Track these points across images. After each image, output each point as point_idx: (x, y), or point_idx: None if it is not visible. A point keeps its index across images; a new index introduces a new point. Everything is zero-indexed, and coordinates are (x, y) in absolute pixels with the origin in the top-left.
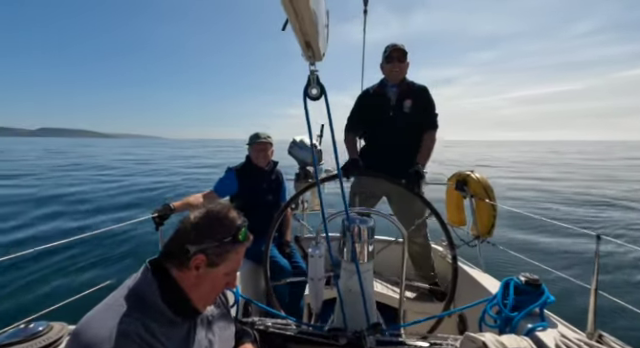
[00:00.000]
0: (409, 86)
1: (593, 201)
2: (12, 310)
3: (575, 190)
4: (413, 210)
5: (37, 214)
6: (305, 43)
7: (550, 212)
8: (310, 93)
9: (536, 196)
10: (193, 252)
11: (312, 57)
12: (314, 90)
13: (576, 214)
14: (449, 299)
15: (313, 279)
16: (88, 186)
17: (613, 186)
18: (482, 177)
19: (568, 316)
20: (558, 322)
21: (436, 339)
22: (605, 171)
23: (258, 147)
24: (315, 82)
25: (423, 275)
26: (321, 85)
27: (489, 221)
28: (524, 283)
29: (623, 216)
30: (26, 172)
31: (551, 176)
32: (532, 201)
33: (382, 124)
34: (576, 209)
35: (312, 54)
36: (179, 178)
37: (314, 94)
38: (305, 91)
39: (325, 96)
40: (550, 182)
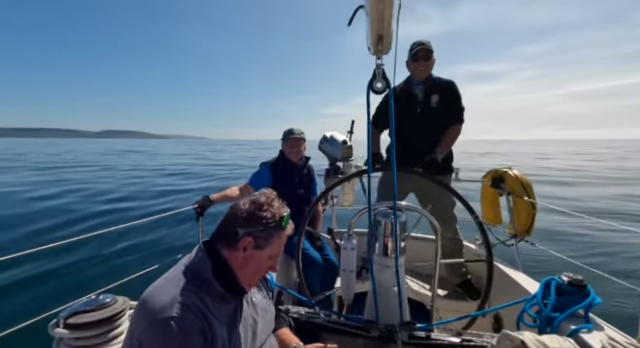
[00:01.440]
0: (435, 82)
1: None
2: (87, 282)
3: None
4: (442, 205)
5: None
6: (378, 36)
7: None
8: (375, 87)
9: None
10: (242, 234)
11: (381, 51)
12: (379, 84)
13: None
14: (484, 297)
15: (345, 271)
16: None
17: None
18: (520, 174)
19: (615, 321)
20: (605, 325)
21: (471, 336)
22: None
23: (292, 142)
24: (381, 76)
25: (454, 271)
26: (387, 79)
27: (528, 219)
28: (566, 283)
29: None
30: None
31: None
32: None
33: (410, 120)
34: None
35: (382, 48)
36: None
37: (379, 88)
38: (370, 85)
39: (390, 90)
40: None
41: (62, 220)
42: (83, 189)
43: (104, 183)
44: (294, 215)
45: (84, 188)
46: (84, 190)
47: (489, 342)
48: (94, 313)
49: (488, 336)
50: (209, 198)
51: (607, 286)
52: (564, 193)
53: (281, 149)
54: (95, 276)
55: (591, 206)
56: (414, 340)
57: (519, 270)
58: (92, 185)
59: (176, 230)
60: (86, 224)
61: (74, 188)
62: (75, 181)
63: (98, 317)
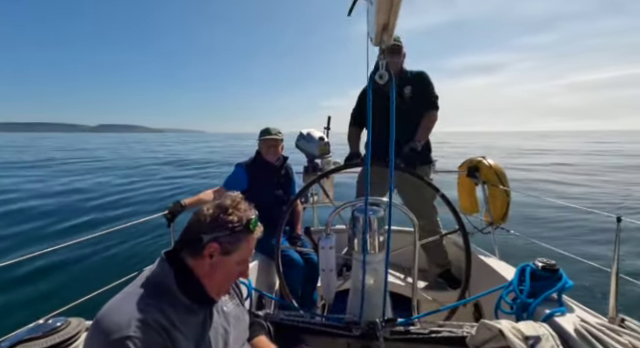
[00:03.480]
0: (406, 74)
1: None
2: (33, 307)
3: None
4: (423, 197)
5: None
6: (383, 26)
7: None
8: (377, 79)
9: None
10: (207, 240)
11: (385, 41)
12: (382, 76)
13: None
14: (464, 287)
15: (325, 270)
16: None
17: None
18: (495, 163)
19: (588, 301)
20: (578, 307)
21: (451, 327)
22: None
23: (268, 143)
24: (384, 68)
25: (436, 263)
26: (389, 71)
27: (502, 207)
28: (540, 269)
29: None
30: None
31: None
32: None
33: (384, 114)
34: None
35: (386, 38)
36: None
37: (381, 80)
38: (371, 77)
39: (391, 81)
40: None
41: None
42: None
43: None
44: (272, 216)
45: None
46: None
47: (469, 332)
48: (42, 340)
49: (468, 326)
50: (180, 203)
51: (580, 268)
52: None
53: (257, 149)
54: (46, 296)
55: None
56: (396, 335)
57: (497, 257)
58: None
59: (144, 240)
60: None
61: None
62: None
63: (46, 345)
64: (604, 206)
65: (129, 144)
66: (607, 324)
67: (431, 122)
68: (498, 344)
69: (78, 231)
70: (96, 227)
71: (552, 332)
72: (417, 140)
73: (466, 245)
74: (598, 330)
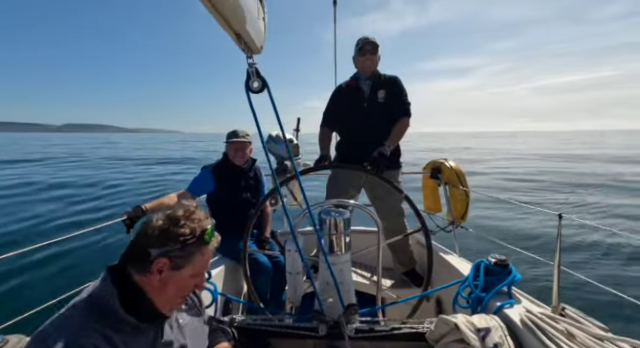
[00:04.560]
0: (381, 77)
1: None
2: None
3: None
4: (391, 199)
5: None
6: (236, 35)
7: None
8: (252, 86)
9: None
10: (155, 256)
11: (247, 50)
12: (255, 83)
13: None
14: (426, 284)
15: (291, 273)
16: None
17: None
18: (455, 165)
19: (536, 292)
20: (525, 298)
21: (413, 324)
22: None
23: (235, 145)
24: (255, 75)
25: (401, 262)
26: (262, 78)
27: (462, 207)
28: (493, 264)
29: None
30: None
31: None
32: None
33: (358, 116)
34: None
35: (246, 47)
36: None
37: (255, 87)
38: (247, 85)
39: (268, 89)
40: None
41: None
42: None
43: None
44: (241, 220)
45: None
46: None
47: (429, 327)
48: None
49: (428, 322)
50: (141, 208)
51: (529, 261)
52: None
53: (224, 151)
54: None
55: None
56: (360, 333)
57: (457, 254)
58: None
59: (99, 248)
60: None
61: None
62: None
63: None
64: (550, 204)
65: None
66: (548, 313)
67: (403, 128)
68: (454, 337)
69: (18, 241)
70: (43, 236)
71: (501, 323)
72: (387, 145)
73: (428, 244)
74: (540, 319)
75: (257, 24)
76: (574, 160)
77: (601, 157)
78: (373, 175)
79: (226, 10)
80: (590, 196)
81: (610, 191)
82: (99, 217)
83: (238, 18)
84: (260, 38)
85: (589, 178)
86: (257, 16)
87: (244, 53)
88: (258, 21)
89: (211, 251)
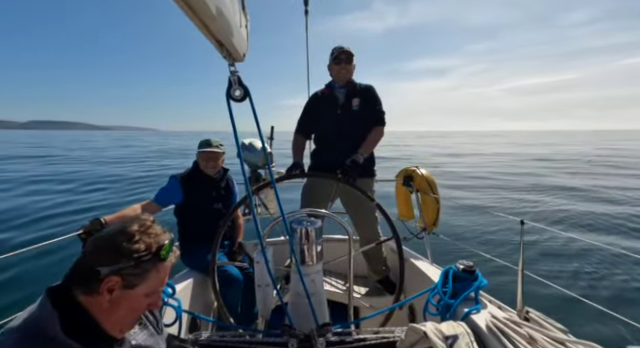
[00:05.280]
0: (356, 86)
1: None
2: None
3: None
4: (365, 208)
5: None
6: (217, 42)
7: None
8: (233, 95)
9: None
10: (105, 274)
11: (229, 58)
12: (237, 92)
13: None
14: (397, 292)
15: (260, 285)
16: None
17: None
18: (426, 173)
19: (503, 296)
20: (491, 304)
21: (384, 333)
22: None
23: (207, 155)
24: (237, 83)
25: (375, 270)
26: (244, 86)
27: (433, 213)
28: (461, 270)
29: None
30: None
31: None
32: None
33: (332, 124)
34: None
35: (228, 54)
36: None
37: (237, 96)
38: (228, 93)
39: (249, 97)
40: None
41: None
42: None
43: None
44: (211, 231)
45: None
46: None
47: (400, 336)
48: None
49: (399, 331)
50: (100, 221)
51: (495, 266)
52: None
53: (195, 160)
54: None
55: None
56: (332, 346)
57: (429, 261)
58: None
59: (51, 266)
60: None
61: None
62: None
63: None
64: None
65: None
66: (512, 318)
67: (377, 137)
68: (424, 345)
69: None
70: None
71: (468, 330)
72: (360, 153)
73: (399, 251)
74: (504, 324)
75: (240, 32)
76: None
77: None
78: (345, 183)
79: (208, 18)
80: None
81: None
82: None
83: (220, 26)
84: (242, 46)
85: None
86: (239, 24)
87: (226, 61)
88: (241, 29)
89: (168, 268)
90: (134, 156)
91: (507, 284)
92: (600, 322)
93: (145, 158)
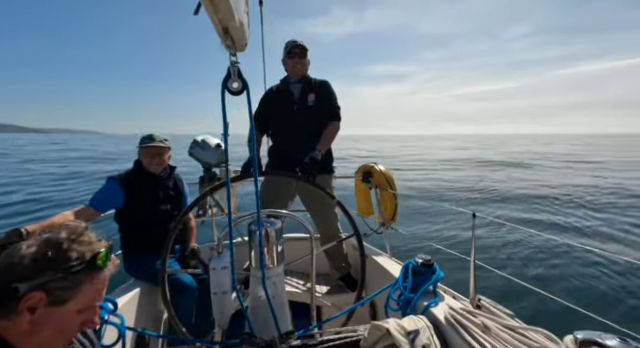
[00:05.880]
0: (311, 81)
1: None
2: None
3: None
4: (324, 205)
5: None
6: (223, 29)
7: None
8: (230, 87)
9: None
10: (25, 291)
11: (232, 47)
12: (235, 84)
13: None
14: (359, 290)
15: (217, 293)
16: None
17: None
18: (385, 169)
19: (458, 286)
20: (447, 294)
21: (347, 333)
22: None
23: (151, 151)
24: (236, 75)
25: (336, 267)
26: (243, 79)
27: (392, 209)
28: (420, 265)
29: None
30: None
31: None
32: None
33: (288, 120)
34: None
35: (232, 43)
36: None
37: (235, 88)
38: (224, 84)
39: (247, 91)
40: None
41: None
42: None
43: None
44: (159, 236)
45: None
46: None
47: (363, 334)
48: None
49: (362, 329)
50: (19, 231)
51: (451, 259)
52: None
53: (137, 159)
54: None
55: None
56: None
57: (389, 256)
58: None
59: None
60: None
61: None
62: None
63: None
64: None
65: None
66: (467, 308)
67: (333, 132)
68: (387, 342)
69: None
70: None
71: (428, 323)
72: (318, 150)
73: (360, 248)
74: (460, 315)
75: (244, 19)
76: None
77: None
78: (305, 181)
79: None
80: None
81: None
82: None
83: (229, 10)
84: (245, 34)
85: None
86: (243, 9)
87: (228, 50)
88: (244, 15)
89: (106, 279)
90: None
91: (461, 274)
92: (544, 307)
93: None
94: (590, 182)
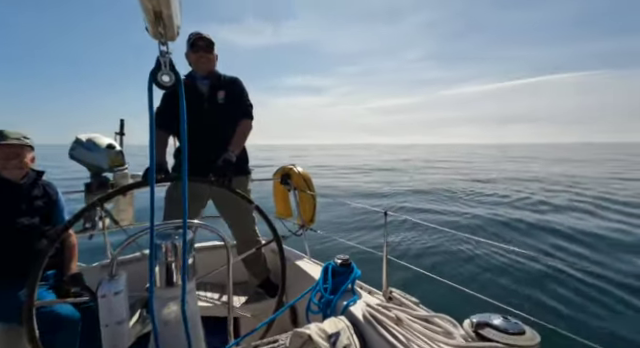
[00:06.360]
0: (220, 78)
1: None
2: None
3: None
4: (241, 209)
5: None
6: (154, 14)
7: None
8: (160, 80)
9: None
10: None
11: (163, 34)
12: (165, 77)
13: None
14: (280, 295)
15: (109, 325)
16: None
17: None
18: (303, 170)
19: (373, 281)
20: (365, 291)
21: (269, 343)
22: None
23: (4, 152)
24: (167, 67)
25: (255, 274)
26: (176, 72)
27: (310, 210)
28: (339, 265)
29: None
30: None
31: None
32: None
33: (196, 119)
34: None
35: (164, 30)
36: None
37: (166, 82)
38: (153, 77)
39: (179, 86)
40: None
41: None
42: None
43: None
44: (23, 259)
45: None
46: None
47: (284, 343)
48: None
49: (283, 337)
50: None
51: (367, 256)
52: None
53: None
54: None
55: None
56: None
57: (309, 258)
58: None
59: None
60: None
61: None
62: None
63: None
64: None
65: None
66: (382, 303)
67: (245, 131)
68: None
69: None
70: None
71: (348, 323)
72: (231, 151)
73: (280, 253)
74: (376, 311)
75: (176, 2)
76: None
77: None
78: (221, 187)
79: None
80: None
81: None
82: None
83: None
84: (178, 20)
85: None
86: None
87: (157, 39)
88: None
89: None
90: None
91: (376, 269)
92: (450, 295)
93: None
94: (468, 186)
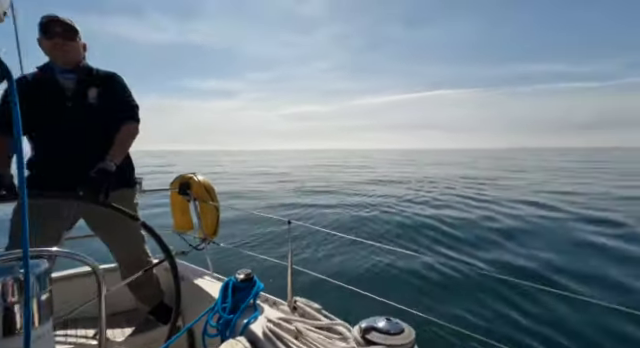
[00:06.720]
0: (92, 73)
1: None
2: None
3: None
4: (121, 225)
5: None
6: None
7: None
8: None
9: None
10: None
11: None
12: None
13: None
14: (174, 319)
15: None
16: None
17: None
18: (204, 179)
19: (278, 292)
20: (269, 304)
21: None
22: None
23: None
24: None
25: (144, 298)
26: (4, 65)
27: (213, 222)
28: (240, 281)
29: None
30: None
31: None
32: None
33: (57, 121)
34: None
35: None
36: None
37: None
38: None
39: (10, 81)
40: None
41: None
42: None
43: None
44: None
45: None
46: None
47: None
48: None
49: None
50: None
51: (270, 266)
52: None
53: None
54: None
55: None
56: None
57: (212, 275)
58: None
59: None
60: None
61: None
62: None
63: None
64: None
65: None
66: (284, 315)
67: (130, 136)
68: None
69: None
70: None
71: (247, 344)
72: (109, 159)
73: (174, 272)
74: (276, 325)
75: None
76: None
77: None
78: (93, 203)
79: None
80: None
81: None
82: None
83: None
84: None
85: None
86: None
87: None
88: None
89: None
90: None
91: (282, 279)
92: (351, 299)
93: None
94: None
